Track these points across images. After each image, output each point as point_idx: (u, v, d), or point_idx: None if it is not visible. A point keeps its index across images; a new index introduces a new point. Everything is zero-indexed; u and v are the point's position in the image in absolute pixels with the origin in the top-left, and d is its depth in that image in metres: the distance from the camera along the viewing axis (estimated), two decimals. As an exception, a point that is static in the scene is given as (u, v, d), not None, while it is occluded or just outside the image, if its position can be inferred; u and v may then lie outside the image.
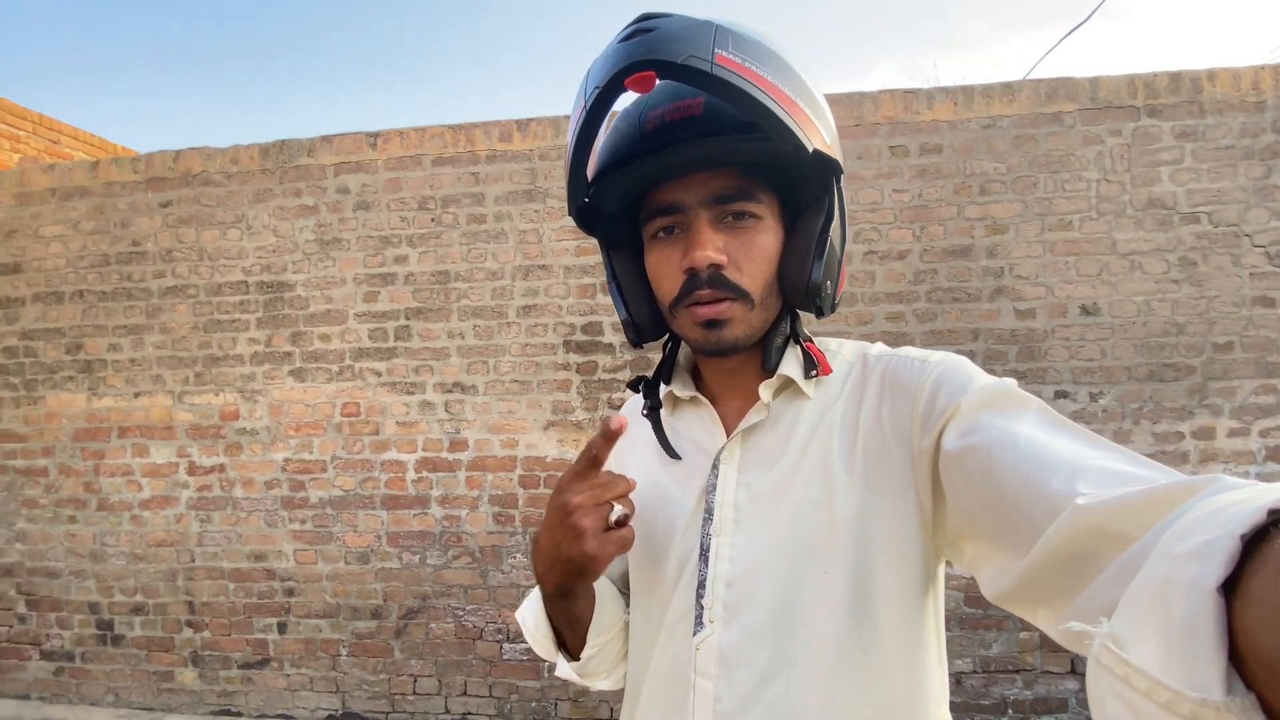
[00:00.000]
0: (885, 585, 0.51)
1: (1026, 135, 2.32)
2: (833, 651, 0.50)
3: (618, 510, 0.50)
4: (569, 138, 0.53)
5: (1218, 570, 0.23)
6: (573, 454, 2.51)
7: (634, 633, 0.62)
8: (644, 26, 0.46)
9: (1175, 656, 0.23)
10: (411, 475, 2.60)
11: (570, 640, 0.60)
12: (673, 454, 0.60)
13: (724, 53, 0.45)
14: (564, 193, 0.64)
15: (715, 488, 0.57)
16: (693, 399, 0.62)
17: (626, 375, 2.48)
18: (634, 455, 0.65)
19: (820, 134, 0.51)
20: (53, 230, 2.80)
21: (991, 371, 0.52)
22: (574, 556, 0.50)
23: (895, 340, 2.32)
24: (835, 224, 0.55)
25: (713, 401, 0.61)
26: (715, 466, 0.57)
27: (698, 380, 0.64)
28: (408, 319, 2.61)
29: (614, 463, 0.68)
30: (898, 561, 0.51)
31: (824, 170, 0.53)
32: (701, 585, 0.55)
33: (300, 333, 2.66)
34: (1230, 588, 0.23)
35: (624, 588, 0.67)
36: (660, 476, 0.62)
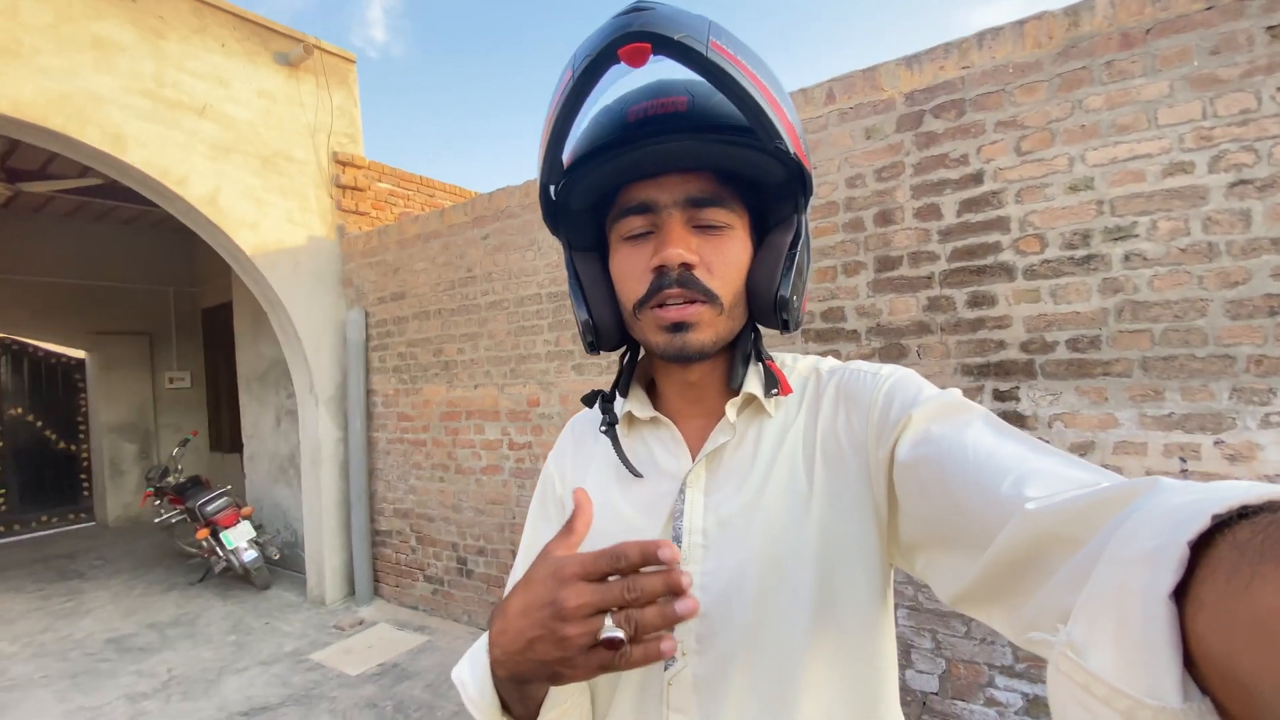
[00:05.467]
0: (847, 595, 0.51)
1: None
2: (804, 666, 0.50)
3: (609, 629, 0.39)
4: (550, 111, 0.50)
5: (1169, 577, 0.23)
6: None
7: None
8: (641, 5, 0.45)
9: (1133, 663, 0.23)
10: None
11: (518, 708, 0.49)
12: (635, 472, 0.58)
13: (719, 41, 0.45)
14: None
15: (682, 513, 0.55)
16: (653, 419, 0.60)
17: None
18: (590, 473, 0.63)
19: (799, 145, 0.51)
20: (420, 265, 3.80)
21: None
22: (547, 663, 0.41)
23: (1288, 302, 1.64)
24: (802, 244, 0.55)
25: (672, 419, 0.60)
26: (681, 490, 0.56)
27: (654, 398, 0.63)
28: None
29: (568, 480, 0.65)
30: (859, 570, 0.51)
31: (794, 189, 0.54)
32: None
33: (578, 334, 3.10)
34: (1180, 593, 0.23)
35: None
36: (618, 500, 0.59)
